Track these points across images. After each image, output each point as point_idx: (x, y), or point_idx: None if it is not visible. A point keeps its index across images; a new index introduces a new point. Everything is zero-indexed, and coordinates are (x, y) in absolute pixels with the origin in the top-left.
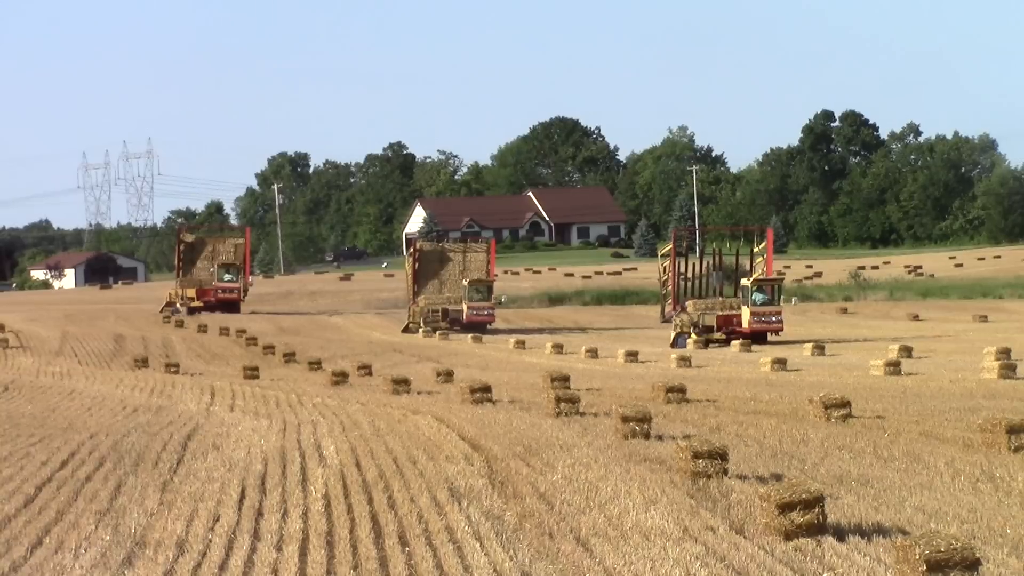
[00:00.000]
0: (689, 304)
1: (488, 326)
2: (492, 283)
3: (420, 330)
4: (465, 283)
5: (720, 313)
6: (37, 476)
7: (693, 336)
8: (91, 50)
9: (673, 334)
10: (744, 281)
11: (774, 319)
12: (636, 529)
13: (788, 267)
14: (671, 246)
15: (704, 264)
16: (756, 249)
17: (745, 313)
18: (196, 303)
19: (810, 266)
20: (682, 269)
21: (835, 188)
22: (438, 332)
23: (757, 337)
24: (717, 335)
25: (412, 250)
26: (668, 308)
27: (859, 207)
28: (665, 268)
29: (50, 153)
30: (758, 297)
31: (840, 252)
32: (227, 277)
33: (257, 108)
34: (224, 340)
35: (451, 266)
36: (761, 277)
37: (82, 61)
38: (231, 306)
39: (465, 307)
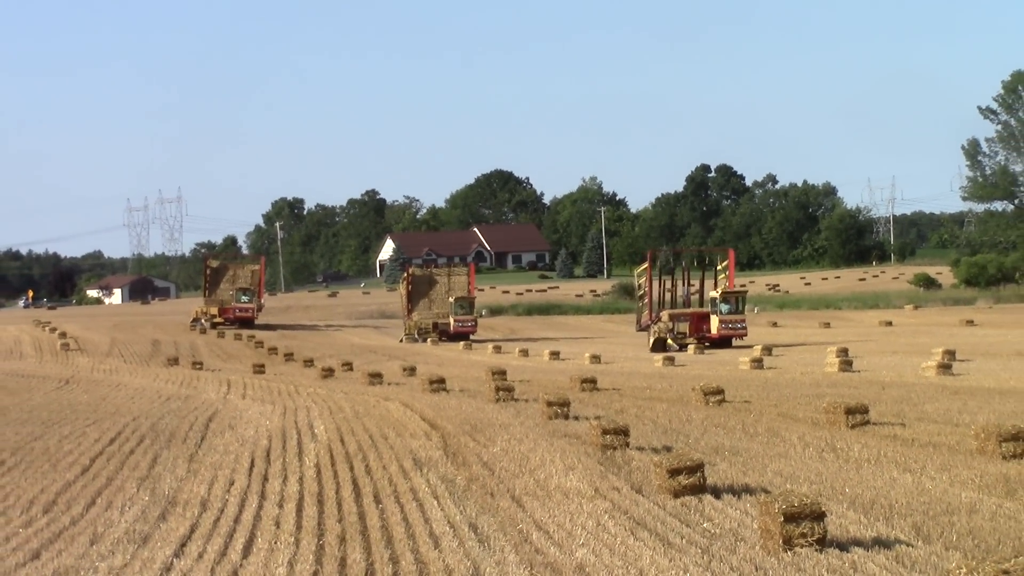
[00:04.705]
0: (664, 314)
1: (470, 336)
2: (474, 299)
3: (424, 339)
4: (451, 300)
5: (692, 321)
6: (91, 450)
7: (669, 341)
8: (135, 121)
9: (652, 340)
10: (712, 293)
11: (739, 326)
12: (558, 489)
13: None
14: (647, 265)
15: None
16: (719, 267)
17: (714, 321)
18: (218, 319)
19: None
20: (658, 285)
21: (711, 224)
22: (428, 340)
23: (723, 341)
24: (689, 340)
25: (406, 275)
26: (644, 318)
27: (730, 239)
28: (641, 284)
29: (102, 198)
30: (724, 307)
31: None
32: (244, 299)
33: (263, 163)
34: (238, 343)
35: (438, 287)
36: (727, 290)
37: (127, 129)
38: (247, 323)
39: (452, 320)
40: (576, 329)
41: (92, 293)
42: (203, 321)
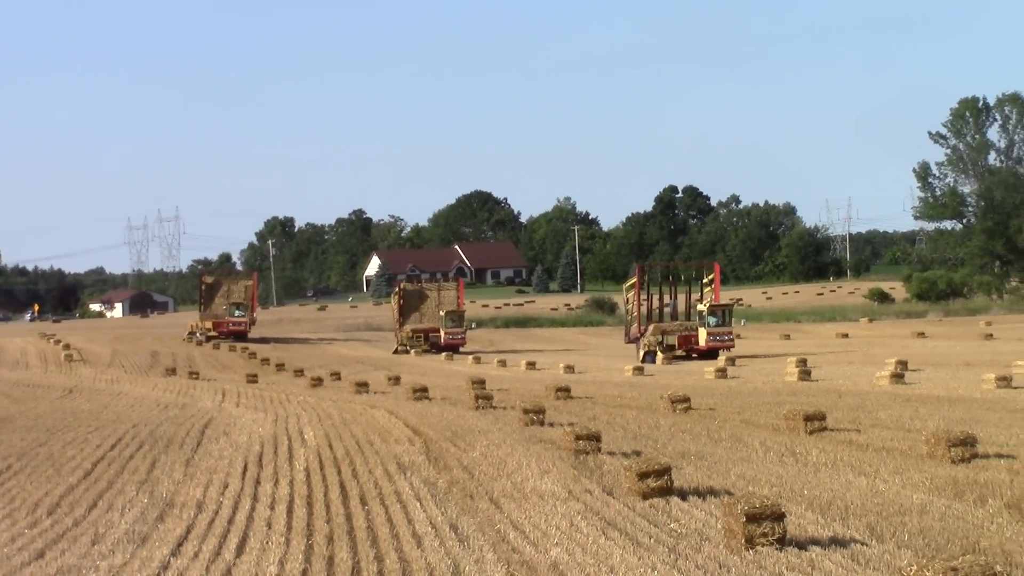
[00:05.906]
0: (651, 327)
1: (460, 348)
2: (463, 312)
3: (408, 351)
4: (442, 313)
5: (681, 334)
6: (93, 455)
7: (659, 353)
8: (135, 144)
9: (642, 352)
10: (700, 307)
11: (726, 338)
12: (534, 492)
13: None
14: (635, 280)
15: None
16: (705, 281)
17: (702, 334)
18: (212, 333)
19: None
20: (643, 298)
21: (679, 242)
22: (412, 351)
23: (711, 353)
24: (679, 352)
25: (398, 290)
26: (633, 330)
27: (696, 256)
28: (629, 299)
29: (104, 217)
30: (711, 320)
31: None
32: (237, 313)
33: (256, 184)
34: (232, 354)
35: (429, 301)
36: (715, 303)
37: (128, 151)
38: (240, 336)
39: (443, 332)
40: (551, 341)
41: (94, 307)
42: (198, 334)
